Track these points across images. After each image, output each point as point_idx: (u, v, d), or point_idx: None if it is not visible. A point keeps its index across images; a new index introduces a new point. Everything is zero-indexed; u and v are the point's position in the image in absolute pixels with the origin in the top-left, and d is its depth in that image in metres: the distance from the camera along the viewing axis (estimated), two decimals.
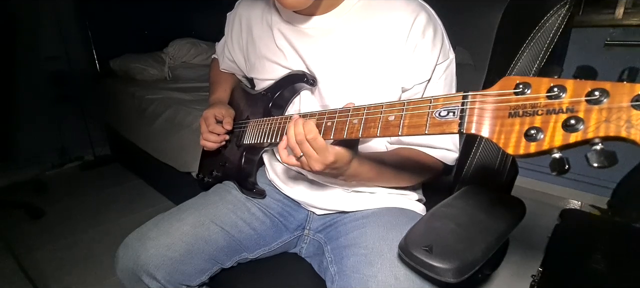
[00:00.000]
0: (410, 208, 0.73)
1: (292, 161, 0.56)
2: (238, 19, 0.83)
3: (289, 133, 0.54)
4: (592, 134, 0.28)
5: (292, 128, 0.53)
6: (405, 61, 0.62)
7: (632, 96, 0.27)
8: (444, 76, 0.65)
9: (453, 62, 0.67)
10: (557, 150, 0.30)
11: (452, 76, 0.67)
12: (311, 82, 0.68)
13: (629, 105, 0.27)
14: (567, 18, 0.62)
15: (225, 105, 0.84)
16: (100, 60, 2.38)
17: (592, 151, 0.28)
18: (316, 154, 0.53)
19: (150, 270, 0.66)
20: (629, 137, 0.27)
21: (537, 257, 1.13)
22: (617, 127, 0.27)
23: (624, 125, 0.27)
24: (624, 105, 0.27)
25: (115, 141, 2.40)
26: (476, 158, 0.73)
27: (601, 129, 0.28)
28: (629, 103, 0.27)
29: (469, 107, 0.37)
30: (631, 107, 0.27)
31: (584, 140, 0.29)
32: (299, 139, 0.53)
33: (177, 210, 0.75)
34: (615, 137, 0.27)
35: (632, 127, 0.26)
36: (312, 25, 0.68)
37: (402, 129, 0.42)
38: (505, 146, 0.33)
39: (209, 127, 0.79)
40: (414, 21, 0.61)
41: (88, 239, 1.66)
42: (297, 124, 0.53)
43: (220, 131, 0.80)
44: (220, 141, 0.81)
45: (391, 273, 0.55)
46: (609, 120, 0.27)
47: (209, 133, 0.80)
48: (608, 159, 0.28)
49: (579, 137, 0.29)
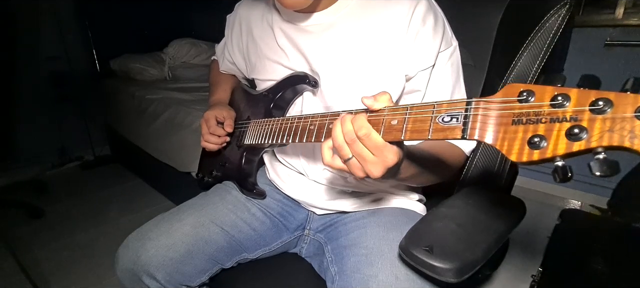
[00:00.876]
0: (411, 209, 0.73)
1: (336, 164, 0.48)
2: (238, 21, 0.83)
3: (336, 131, 0.46)
4: (595, 143, 0.28)
5: (339, 126, 0.45)
6: (407, 50, 0.62)
7: (636, 107, 0.27)
8: (449, 63, 0.65)
9: (457, 49, 0.66)
10: (560, 158, 0.30)
11: (458, 63, 0.67)
12: (313, 84, 0.68)
13: (633, 115, 0.27)
14: (567, 18, 0.62)
15: (226, 107, 0.84)
16: (100, 60, 2.39)
17: (595, 160, 0.29)
18: (372, 155, 0.44)
19: (151, 271, 0.66)
20: (633, 147, 0.27)
21: (537, 257, 1.13)
22: (620, 137, 0.27)
23: (628, 135, 0.27)
24: (627, 115, 0.27)
25: (115, 141, 2.40)
26: (476, 158, 0.73)
27: (605, 138, 0.28)
28: (632, 113, 0.27)
29: (472, 113, 0.37)
30: (634, 117, 0.27)
31: (587, 149, 0.29)
32: (349, 138, 0.44)
33: (177, 210, 0.75)
34: (619, 147, 0.28)
35: (636, 138, 0.27)
36: (312, 22, 0.68)
37: (405, 133, 0.42)
38: (508, 153, 0.33)
39: (210, 128, 0.79)
40: (414, 10, 0.61)
41: (88, 239, 1.66)
42: (345, 121, 0.45)
43: (221, 133, 0.80)
44: (221, 143, 0.81)
45: (392, 273, 0.55)
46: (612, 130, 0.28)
47: (210, 135, 0.80)
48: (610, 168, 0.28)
49: (582, 146, 0.29)
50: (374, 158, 0.44)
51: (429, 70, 0.64)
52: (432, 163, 0.61)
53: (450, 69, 0.65)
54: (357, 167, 0.45)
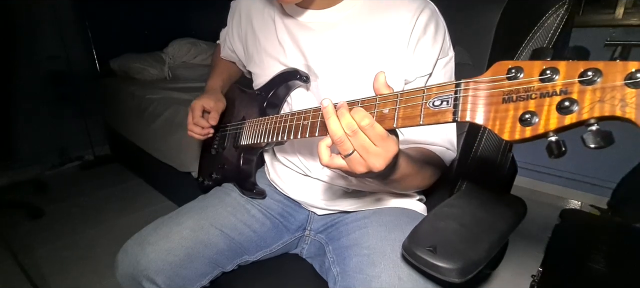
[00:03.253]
0: (411, 208, 0.73)
1: (336, 163, 0.45)
2: (239, 9, 0.83)
3: (334, 126, 0.43)
4: (587, 115, 0.28)
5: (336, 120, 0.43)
6: (407, 57, 0.63)
7: (625, 74, 0.26)
8: (443, 72, 0.66)
9: (452, 60, 0.67)
10: (552, 133, 0.30)
11: (451, 73, 0.68)
12: (304, 79, 0.68)
13: (623, 83, 0.26)
14: (565, 18, 0.62)
15: (216, 96, 0.84)
16: (100, 60, 2.38)
17: (588, 132, 0.28)
18: (375, 146, 0.42)
19: (151, 275, 0.66)
20: (624, 115, 0.26)
21: (537, 257, 1.13)
22: (611, 107, 0.27)
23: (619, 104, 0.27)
24: (617, 84, 0.27)
25: (115, 141, 2.40)
26: (477, 154, 0.73)
27: (596, 109, 0.27)
28: (622, 82, 0.26)
29: (462, 95, 0.36)
30: (625, 85, 0.26)
31: (579, 121, 0.28)
32: (352, 130, 0.42)
33: (176, 214, 0.75)
34: (611, 116, 0.27)
35: (627, 106, 0.26)
36: (314, 19, 0.68)
37: (397, 121, 0.42)
38: (500, 132, 0.33)
39: (194, 119, 0.80)
40: (417, 18, 0.61)
41: (88, 239, 1.66)
42: (343, 114, 0.42)
43: (204, 124, 0.80)
44: (205, 134, 0.81)
45: (394, 274, 0.55)
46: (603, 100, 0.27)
47: (194, 124, 0.80)
48: (604, 139, 0.28)
49: (573, 118, 0.28)
50: (377, 149, 0.42)
51: (426, 77, 0.65)
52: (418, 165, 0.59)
53: (443, 78, 0.66)
54: (358, 162, 0.43)
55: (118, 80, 2.33)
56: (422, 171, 0.59)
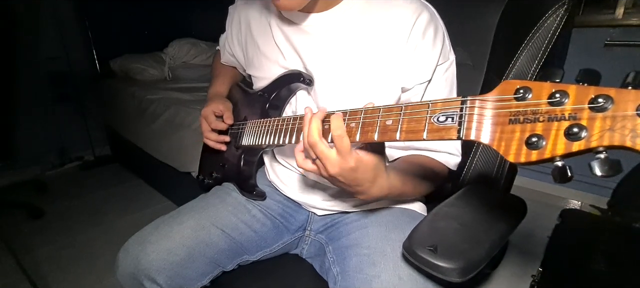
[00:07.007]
0: (411, 208, 0.73)
1: (308, 166, 0.51)
2: (237, 14, 0.83)
3: (304, 132, 0.49)
4: (595, 143, 0.27)
5: (307, 127, 0.48)
6: (405, 62, 0.62)
7: (638, 104, 0.26)
8: (444, 78, 0.65)
9: (453, 64, 0.66)
10: (559, 159, 0.29)
11: (452, 78, 0.67)
12: (308, 82, 0.68)
13: (634, 113, 0.26)
14: (565, 19, 0.62)
15: (222, 100, 0.84)
16: (100, 60, 2.38)
17: (596, 160, 0.27)
18: (335, 156, 0.47)
19: (151, 275, 0.65)
20: (634, 147, 0.26)
21: (537, 257, 1.13)
22: (621, 136, 0.26)
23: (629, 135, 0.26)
24: (629, 113, 0.26)
25: (115, 141, 2.40)
26: (476, 158, 0.73)
27: (605, 138, 0.27)
28: (634, 111, 0.26)
29: (467, 113, 0.35)
30: (636, 115, 0.26)
31: (587, 149, 0.28)
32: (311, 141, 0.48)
33: (177, 213, 0.75)
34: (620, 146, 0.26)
35: (638, 137, 0.25)
36: (311, 22, 0.67)
37: (400, 134, 0.41)
38: (505, 154, 0.32)
39: (211, 124, 0.79)
40: (415, 21, 0.60)
41: (88, 239, 1.66)
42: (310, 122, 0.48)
43: (222, 127, 0.79)
44: (223, 140, 0.81)
45: (395, 273, 0.55)
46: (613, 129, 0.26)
47: (211, 132, 0.80)
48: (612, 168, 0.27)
49: (582, 146, 0.28)
50: (336, 159, 0.47)
51: (426, 84, 0.64)
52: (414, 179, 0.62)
53: (444, 83, 0.65)
54: (320, 166, 0.49)
55: (118, 80, 2.33)
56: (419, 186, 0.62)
